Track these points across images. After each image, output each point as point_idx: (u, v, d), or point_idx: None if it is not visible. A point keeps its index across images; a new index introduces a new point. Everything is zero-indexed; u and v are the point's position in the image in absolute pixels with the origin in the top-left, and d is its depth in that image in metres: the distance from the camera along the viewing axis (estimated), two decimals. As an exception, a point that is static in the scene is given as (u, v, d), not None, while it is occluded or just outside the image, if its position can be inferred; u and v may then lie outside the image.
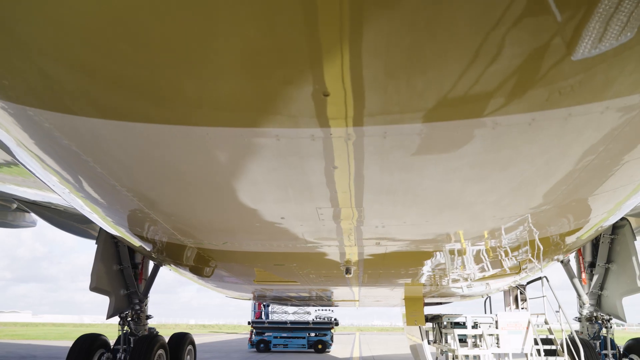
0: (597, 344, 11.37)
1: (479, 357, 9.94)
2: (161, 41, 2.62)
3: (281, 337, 26.99)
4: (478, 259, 5.69)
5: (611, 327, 11.43)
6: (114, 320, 11.32)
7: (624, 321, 11.23)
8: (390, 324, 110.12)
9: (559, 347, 9.86)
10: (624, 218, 11.18)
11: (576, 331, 11.55)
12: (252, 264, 9.26)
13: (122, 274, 11.58)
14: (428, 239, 6.39)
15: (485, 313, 12.66)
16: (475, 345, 10.11)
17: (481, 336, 10.00)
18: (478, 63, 2.69)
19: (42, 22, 2.57)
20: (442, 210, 5.19)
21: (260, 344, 26.85)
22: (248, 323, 28.09)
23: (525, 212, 5.23)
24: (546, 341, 10.08)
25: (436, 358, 12.49)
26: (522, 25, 2.47)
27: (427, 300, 13.78)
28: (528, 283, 12.15)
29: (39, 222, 15.51)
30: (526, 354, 9.82)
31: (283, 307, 28.38)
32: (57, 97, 3.22)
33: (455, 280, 5.92)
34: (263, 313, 28.85)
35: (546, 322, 10.49)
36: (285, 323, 27.41)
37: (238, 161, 3.94)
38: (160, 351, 11.40)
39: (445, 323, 11.00)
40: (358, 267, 8.83)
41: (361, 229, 5.88)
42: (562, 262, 11.70)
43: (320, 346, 26.60)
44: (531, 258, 6.65)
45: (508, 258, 5.62)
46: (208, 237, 7.05)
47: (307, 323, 27.30)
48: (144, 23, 2.49)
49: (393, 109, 3.09)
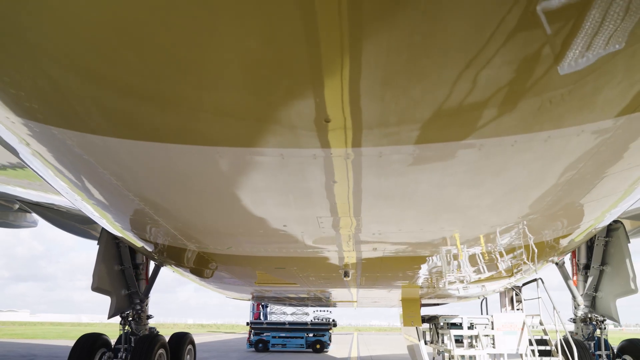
0: (592, 345, 11.56)
1: (475, 358, 10.11)
2: (177, 74, 2.94)
3: (279, 337, 27.15)
4: (473, 263, 5.90)
5: (605, 328, 11.61)
6: (112, 319, 11.44)
7: (618, 322, 11.40)
8: (388, 324, 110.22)
9: (554, 348, 10.02)
10: (618, 221, 11.36)
11: (571, 332, 11.73)
12: (254, 267, 9.51)
13: (124, 275, 11.74)
14: (423, 245, 6.69)
15: (481, 314, 12.82)
16: (471, 345, 10.27)
17: (477, 337, 10.16)
18: (460, 96, 3.03)
19: (68, 57, 2.88)
20: (436, 218, 5.51)
21: (258, 344, 27.00)
22: (247, 324, 28.25)
23: (513, 222, 5.54)
24: (541, 342, 10.24)
25: (433, 358, 12.65)
26: (501, 67, 2.77)
27: (424, 301, 13.94)
28: (524, 284, 12.32)
29: (39, 222, 15.69)
30: (521, 355, 9.99)
31: (281, 308, 28.54)
32: (80, 120, 3.61)
33: (451, 282, 6.18)
34: (261, 314, 29.00)
35: (541, 323, 10.65)
36: (283, 324, 27.56)
37: (246, 176, 4.29)
38: (160, 350, 11.55)
39: (441, 324, 11.16)
40: (356, 271, 9.15)
41: (359, 236, 6.24)
42: (557, 264, 11.88)
43: (318, 346, 26.76)
44: (526, 261, 6.84)
45: (501, 262, 5.82)
46: (214, 243, 7.37)
47: (306, 324, 27.46)
48: (156, 59, 2.81)
49: (387, 133, 3.42)
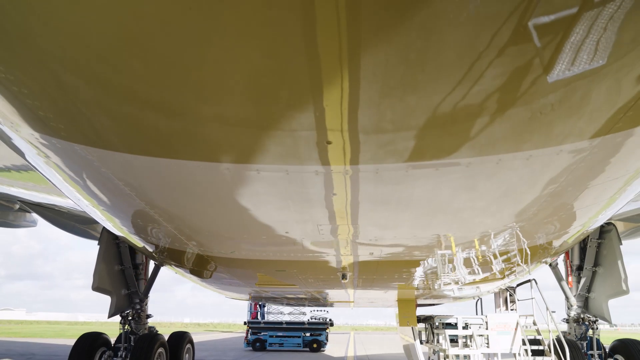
0: (584, 345, 11.76)
1: (469, 357, 10.30)
2: (193, 98, 3.26)
3: (277, 337, 27.30)
4: (466, 267, 6.14)
5: (597, 329, 11.81)
6: (110, 318, 11.58)
7: (610, 322, 11.60)
8: (384, 324, 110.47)
9: (547, 348, 10.22)
10: (611, 223, 11.58)
11: (564, 332, 11.94)
12: (256, 270, 9.80)
13: (123, 274, 11.88)
14: (416, 250, 7.07)
15: (476, 314, 13.02)
16: (465, 345, 10.47)
17: (471, 336, 10.36)
18: (450, 121, 3.37)
19: (90, 82, 3.20)
20: (429, 225, 5.85)
21: (256, 343, 27.13)
22: (244, 323, 28.39)
23: (500, 230, 5.89)
24: (534, 342, 10.44)
25: (428, 358, 12.84)
26: (484, 97, 3.08)
27: (420, 301, 14.12)
28: (518, 285, 12.52)
29: (38, 222, 15.79)
30: (514, 354, 10.18)
31: (279, 308, 28.68)
32: (100, 138, 4.00)
33: (446, 284, 6.42)
34: (259, 313, 29.14)
35: (534, 323, 10.85)
36: (280, 323, 27.71)
37: (254, 189, 4.66)
38: (160, 350, 11.69)
39: (437, 324, 11.34)
40: (353, 273, 9.47)
41: (356, 242, 6.65)
42: (551, 265, 12.08)
43: (315, 345, 26.92)
44: (519, 262, 7.05)
45: (494, 265, 6.04)
46: (218, 247, 7.71)
47: (303, 323, 27.62)
48: (172, 89, 3.15)
49: (383, 154, 3.79)
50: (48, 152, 4.44)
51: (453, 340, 10.70)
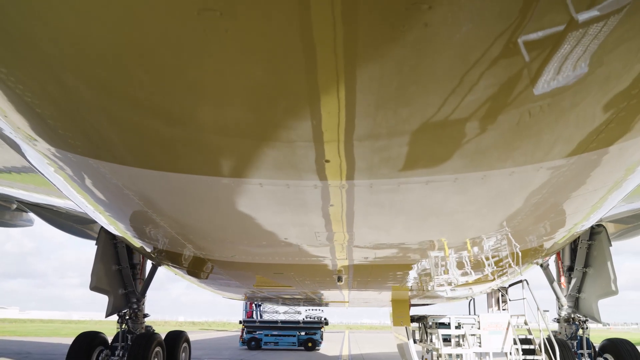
0: (574, 344, 11.99)
1: (462, 356, 10.49)
2: (205, 120, 3.57)
3: (272, 335, 27.46)
4: (458, 271, 6.39)
5: (587, 328, 12.03)
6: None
7: (600, 322, 11.83)
8: (379, 322, 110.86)
9: (537, 347, 10.42)
10: (601, 225, 11.81)
11: (555, 331, 12.16)
12: (255, 273, 10.07)
13: (121, 274, 11.98)
14: (409, 254, 7.40)
15: (469, 314, 13.22)
16: (458, 344, 10.66)
17: (464, 336, 10.55)
18: (439, 142, 3.74)
19: (105, 103, 3.49)
20: (422, 232, 6.19)
21: (251, 342, 27.28)
22: (240, 322, 28.50)
23: (486, 237, 6.27)
24: (525, 341, 10.64)
25: (422, 356, 13.03)
26: (466, 121, 3.39)
27: (414, 301, 14.32)
28: (510, 285, 12.74)
29: (34, 221, 15.85)
30: (506, 353, 10.38)
31: (274, 307, 28.82)
32: (112, 153, 4.36)
33: (439, 284, 6.69)
34: (254, 313, 29.26)
35: (526, 323, 11.05)
36: (276, 322, 27.86)
37: (257, 201, 5.01)
38: (157, 349, 11.81)
39: (430, 323, 11.53)
40: (348, 276, 9.78)
41: (351, 247, 7.03)
42: (542, 266, 12.30)
43: (310, 344, 27.10)
44: (511, 264, 7.25)
45: (486, 268, 6.28)
46: (220, 252, 8.02)
47: (298, 322, 27.79)
48: (181, 112, 3.46)
49: (377, 170, 4.13)
50: (61, 164, 4.76)
51: (446, 339, 10.88)
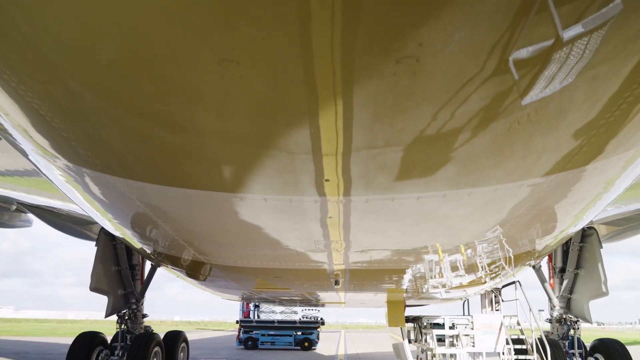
0: (566, 344, 12.23)
1: (455, 356, 10.70)
2: (216, 144, 3.96)
3: (269, 335, 27.60)
4: (451, 275, 6.66)
5: (578, 328, 12.28)
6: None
7: (591, 323, 12.09)
8: (375, 322, 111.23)
9: (529, 347, 10.64)
10: (592, 227, 12.07)
11: (547, 332, 12.40)
12: (256, 276, 10.44)
13: (120, 275, 12.14)
14: (402, 261, 7.80)
15: (463, 314, 13.44)
16: (452, 344, 10.86)
17: (458, 336, 10.75)
18: (428, 164, 4.11)
19: (119, 126, 3.83)
20: (413, 240, 6.60)
21: (248, 342, 27.42)
22: (237, 322, 28.65)
23: (472, 243, 6.67)
24: (517, 341, 10.85)
25: (417, 356, 13.24)
26: (451, 146, 3.75)
27: (409, 302, 14.56)
28: (503, 286, 12.97)
29: (33, 222, 15.98)
30: (499, 353, 10.59)
31: (271, 307, 28.98)
32: (125, 170, 4.73)
33: (433, 286, 6.98)
34: (253, 313, 29.40)
35: (518, 323, 11.26)
36: (272, 322, 28.01)
37: (262, 214, 5.40)
38: (156, 349, 11.97)
39: (425, 324, 11.72)
40: (345, 279, 10.18)
41: (348, 254, 7.46)
42: (534, 268, 12.54)
43: (306, 344, 27.26)
44: (504, 265, 7.49)
45: (479, 271, 6.55)
46: (223, 257, 8.37)
47: (294, 322, 27.94)
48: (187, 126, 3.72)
49: (372, 188, 4.49)
50: (74, 176, 5.13)
51: (440, 339, 11.08)
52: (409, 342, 12.66)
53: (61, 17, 2.65)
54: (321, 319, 28.20)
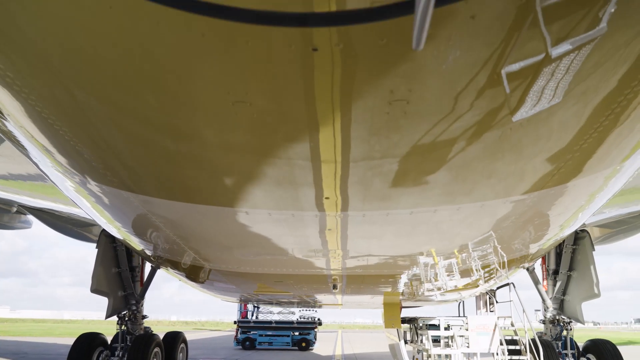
0: (559, 344, 12.46)
1: (450, 357, 10.92)
2: (225, 167, 4.34)
3: (266, 336, 27.75)
4: (446, 278, 6.92)
5: (571, 329, 12.51)
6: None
7: (583, 324, 12.30)
8: (372, 322, 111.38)
9: (523, 347, 10.86)
10: (585, 230, 12.30)
11: (541, 332, 12.62)
12: (257, 281, 10.77)
13: (120, 277, 12.30)
14: (397, 268, 8.24)
15: (458, 316, 13.65)
16: (447, 345, 11.08)
17: (453, 337, 10.97)
18: (420, 182, 4.45)
19: (131, 146, 4.15)
20: (407, 249, 6.95)
21: (245, 342, 27.57)
22: (234, 322, 28.79)
23: (462, 251, 7.04)
24: (511, 342, 11.07)
25: (413, 357, 13.44)
26: (440, 169, 4.13)
27: (405, 304, 14.79)
28: (497, 288, 13.19)
29: (32, 223, 16.12)
30: (493, 354, 10.81)
31: (269, 308, 29.15)
32: (140, 187, 5.10)
33: (429, 290, 7.26)
34: (252, 313, 29.55)
35: (512, 324, 11.48)
36: (270, 322, 28.16)
37: (265, 226, 5.75)
38: (156, 349, 12.14)
39: (420, 325, 11.93)
40: (343, 284, 10.60)
41: (345, 262, 7.91)
42: (528, 270, 12.77)
43: (304, 344, 27.43)
44: (498, 268, 7.71)
45: (474, 274, 6.81)
46: (226, 263, 8.75)
47: (292, 323, 28.09)
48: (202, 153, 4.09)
49: (367, 205, 4.86)
50: (88, 189, 5.48)
51: (436, 340, 11.29)
52: (405, 343, 12.87)
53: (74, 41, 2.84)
54: (318, 320, 28.37)
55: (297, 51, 2.61)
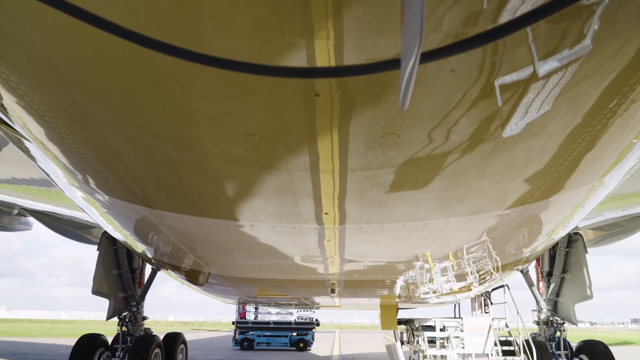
0: (553, 345, 12.68)
1: (446, 357, 11.14)
2: (232, 185, 4.71)
3: (264, 336, 27.91)
4: (440, 282, 7.19)
5: (565, 330, 12.73)
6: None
7: (576, 325, 12.51)
8: (369, 322, 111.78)
9: (517, 348, 11.08)
10: (578, 233, 12.53)
11: (535, 333, 12.85)
12: (257, 285, 10.98)
13: (121, 279, 12.48)
14: (392, 274, 8.60)
15: (454, 317, 13.86)
16: (442, 346, 11.30)
17: (448, 338, 11.19)
18: (411, 199, 4.79)
19: (142, 164, 4.48)
20: (402, 256, 7.28)
21: (244, 342, 27.73)
22: (232, 323, 28.94)
23: (453, 259, 7.32)
24: (506, 343, 11.29)
25: (409, 357, 13.66)
26: (426, 191, 4.52)
27: (402, 305, 15.05)
28: (492, 290, 13.42)
29: (33, 225, 16.28)
30: (487, 354, 11.03)
31: (267, 308, 29.31)
32: (149, 201, 5.44)
33: (425, 293, 7.57)
34: (252, 314, 29.70)
35: (506, 326, 11.71)
36: (268, 323, 28.33)
37: (269, 237, 6.15)
38: (156, 350, 12.31)
39: (416, 326, 12.14)
40: (340, 288, 10.96)
41: (343, 268, 8.27)
42: (522, 272, 12.99)
43: (301, 345, 27.60)
44: (492, 271, 7.94)
45: (468, 277, 7.06)
46: (229, 269, 9.00)
47: (290, 323, 28.26)
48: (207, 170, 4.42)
49: (363, 220, 5.22)
50: (96, 199, 5.81)
51: (431, 341, 11.51)
52: (402, 344, 13.07)
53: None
54: (316, 320, 28.53)
55: (302, 96, 3.05)
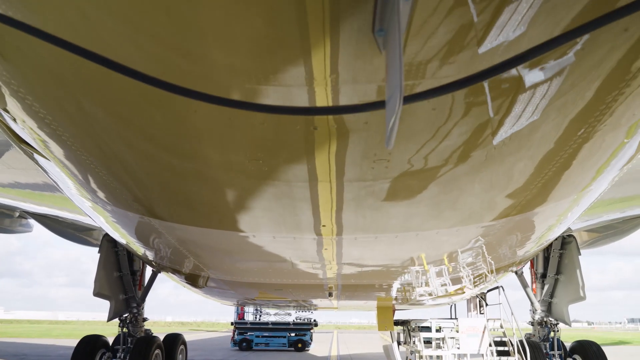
0: (547, 345, 12.91)
1: (442, 358, 11.36)
2: (235, 194, 4.93)
3: (263, 337, 28.11)
4: (435, 285, 7.40)
5: (558, 331, 12.96)
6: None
7: (569, 325, 12.74)
8: (367, 322, 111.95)
9: (511, 348, 11.31)
10: (571, 235, 12.76)
11: (529, 334, 13.07)
12: (257, 289, 11.30)
13: (122, 280, 12.66)
14: (388, 278, 8.97)
15: (450, 318, 14.09)
16: (438, 346, 11.52)
17: (444, 339, 11.41)
18: (405, 212, 5.12)
19: (150, 176, 4.70)
20: (397, 263, 7.58)
21: (242, 343, 27.91)
22: (231, 324, 29.11)
23: (447, 263, 7.61)
24: (500, 343, 11.52)
25: (406, 357, 13.89)
26: (421, 204, 4.86)
27: (398, 307, 15.31)
28: (488, 291, 13.64)
29: (33, 227, 16.44)
30: (482, 355, 11.26)
31: (266, 310, 29.52)
32: (156, 212, 5.72)
33: (421, 295, 7.79)
34: (253, 315, 29.90)
35: (501, 326, 11.93)
36: (266, 324, 28.54)
37: (270, 247, 6.45)
38: (157, 351, 12.49)
39: (413, 327, 12.37)
40: (338, 291, 11.27)
41: (340, 273, 8.64)
42: (517, 273, 13.22)
43: (300, 345, 27.81)
44: (486, 273, 8.16)
45: (464, 280, 7.33)
46: (230, 274, 9.25)
47: (288, 324, 28.46)
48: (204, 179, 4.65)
49: (358, 231, 5.55)
50: (113, 213, 6.14)
51: (427, 342, 11.73)
52: (399, 344, 13.29)
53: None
54: (314, 321, 28.71)
55: (302, 129, 3.49)
